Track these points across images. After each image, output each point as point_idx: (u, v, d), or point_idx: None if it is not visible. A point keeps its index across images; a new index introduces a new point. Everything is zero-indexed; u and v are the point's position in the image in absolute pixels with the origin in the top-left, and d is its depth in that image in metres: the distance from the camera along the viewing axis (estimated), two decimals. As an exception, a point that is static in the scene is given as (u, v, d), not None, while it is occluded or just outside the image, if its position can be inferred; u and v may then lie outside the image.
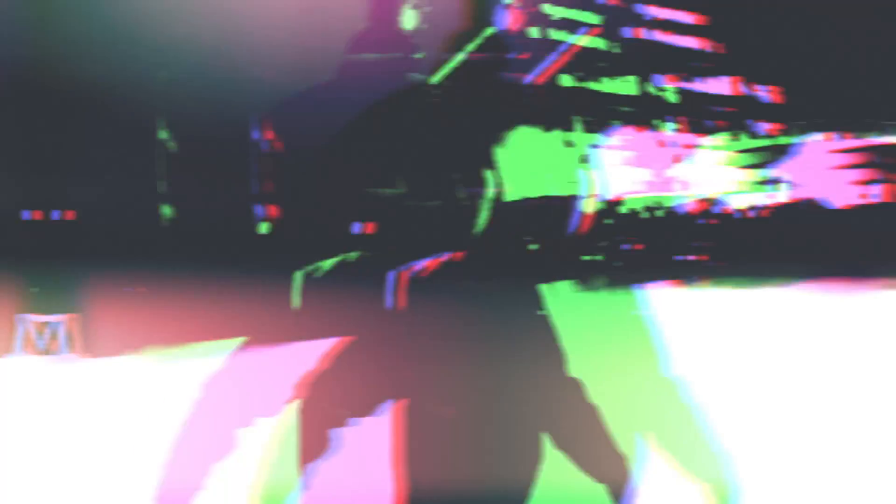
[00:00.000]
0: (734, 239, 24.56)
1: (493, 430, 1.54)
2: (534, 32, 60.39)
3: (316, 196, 1.73)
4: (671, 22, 59.63)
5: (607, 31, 64.05)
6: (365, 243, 1.59)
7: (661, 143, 62.46)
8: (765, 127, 63.20)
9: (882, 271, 15.91)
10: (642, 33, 57.44)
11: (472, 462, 1.55)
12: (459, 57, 1.71)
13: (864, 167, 56.38)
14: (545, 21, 60.27)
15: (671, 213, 31.84)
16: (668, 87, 63.81)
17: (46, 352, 16.26)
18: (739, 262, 22.01)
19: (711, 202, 50.74)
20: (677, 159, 62.90)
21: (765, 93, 63.90)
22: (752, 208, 44.09)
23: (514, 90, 1.91)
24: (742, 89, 62.86)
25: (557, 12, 61.20)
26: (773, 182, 59.88)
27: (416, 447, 1.64)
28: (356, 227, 1.59)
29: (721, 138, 59.55)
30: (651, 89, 64.31)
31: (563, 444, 1.59)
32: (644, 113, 61.84)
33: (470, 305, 1.51)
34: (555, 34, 62.19)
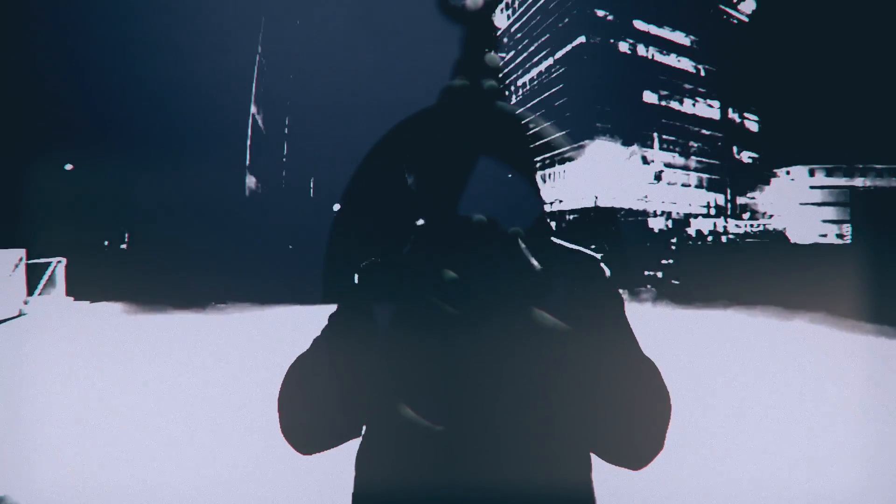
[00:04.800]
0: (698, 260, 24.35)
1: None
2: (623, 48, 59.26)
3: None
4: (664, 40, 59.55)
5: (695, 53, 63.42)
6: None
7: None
8: (747, 154, 63.06)
9: (820, 307, 16.34)
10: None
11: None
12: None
13: (837, 206, 56.65)
14: (636, 37, 58.83)
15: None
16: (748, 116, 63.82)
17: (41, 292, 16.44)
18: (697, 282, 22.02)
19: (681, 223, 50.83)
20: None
21: (752, 121, 64.06)
22: (722, 233, 44.01)
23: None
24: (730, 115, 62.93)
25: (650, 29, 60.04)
26: (748, 210, 60.17)
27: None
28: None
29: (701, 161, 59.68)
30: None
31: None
32: (724, 138, 61.37)
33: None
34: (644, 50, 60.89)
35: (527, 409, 1.41)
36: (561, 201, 59.04)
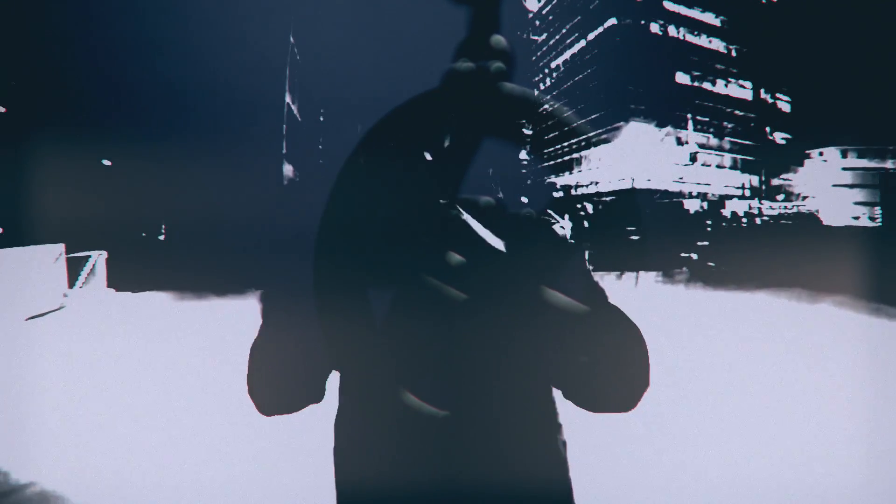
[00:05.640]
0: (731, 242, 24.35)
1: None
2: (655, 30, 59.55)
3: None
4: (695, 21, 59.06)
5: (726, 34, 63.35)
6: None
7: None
8: (780, 136, 62.48)
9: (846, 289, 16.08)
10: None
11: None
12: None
13: (867, 189, 55.80)
14: (666, 18, 58.88)
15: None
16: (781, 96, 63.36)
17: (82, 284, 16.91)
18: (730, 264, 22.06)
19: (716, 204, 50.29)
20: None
21: (784, 101, 63.35)
22: (756, 215, 43.40)
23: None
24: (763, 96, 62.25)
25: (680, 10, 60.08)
26: (781, 191, 59.46)
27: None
28: None
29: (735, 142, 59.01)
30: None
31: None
32: (757, 119, 61.15)
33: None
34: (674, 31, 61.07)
35: (529, 390, 1.49)
36: (596, 184, 58.97)
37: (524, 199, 1.54)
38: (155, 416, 6.74)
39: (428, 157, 1.33)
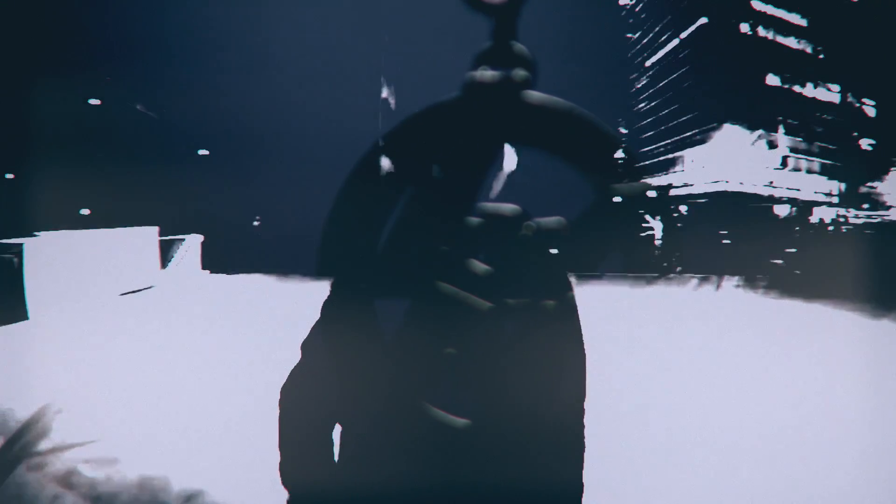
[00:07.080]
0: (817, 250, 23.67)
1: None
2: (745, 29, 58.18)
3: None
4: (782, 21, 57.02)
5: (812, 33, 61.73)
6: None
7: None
8: (866, 141, 60.29)
9: None
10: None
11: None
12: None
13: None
14: (755, 18, 57.65)
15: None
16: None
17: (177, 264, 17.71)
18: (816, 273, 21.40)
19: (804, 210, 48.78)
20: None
21: (869, 105, 60.92)
22: (843, 223, 41.92)
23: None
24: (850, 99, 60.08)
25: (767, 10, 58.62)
26: (869, 198, 57.30)
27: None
28: None
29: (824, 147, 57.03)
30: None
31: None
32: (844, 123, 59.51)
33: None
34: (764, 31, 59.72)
35: (550, 398, 1.38)
36: (691, 185, 57.64)
37: (617, 199, 1.40)
38: (237, 391, 6.81)
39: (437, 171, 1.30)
